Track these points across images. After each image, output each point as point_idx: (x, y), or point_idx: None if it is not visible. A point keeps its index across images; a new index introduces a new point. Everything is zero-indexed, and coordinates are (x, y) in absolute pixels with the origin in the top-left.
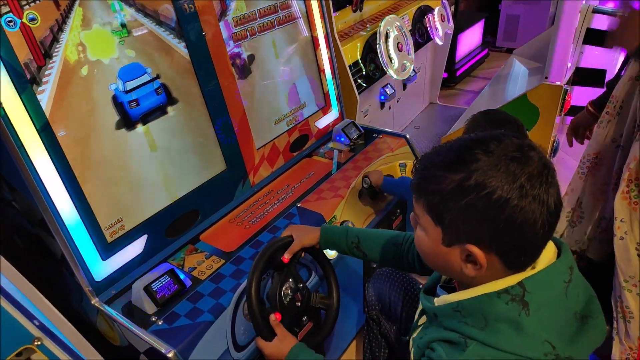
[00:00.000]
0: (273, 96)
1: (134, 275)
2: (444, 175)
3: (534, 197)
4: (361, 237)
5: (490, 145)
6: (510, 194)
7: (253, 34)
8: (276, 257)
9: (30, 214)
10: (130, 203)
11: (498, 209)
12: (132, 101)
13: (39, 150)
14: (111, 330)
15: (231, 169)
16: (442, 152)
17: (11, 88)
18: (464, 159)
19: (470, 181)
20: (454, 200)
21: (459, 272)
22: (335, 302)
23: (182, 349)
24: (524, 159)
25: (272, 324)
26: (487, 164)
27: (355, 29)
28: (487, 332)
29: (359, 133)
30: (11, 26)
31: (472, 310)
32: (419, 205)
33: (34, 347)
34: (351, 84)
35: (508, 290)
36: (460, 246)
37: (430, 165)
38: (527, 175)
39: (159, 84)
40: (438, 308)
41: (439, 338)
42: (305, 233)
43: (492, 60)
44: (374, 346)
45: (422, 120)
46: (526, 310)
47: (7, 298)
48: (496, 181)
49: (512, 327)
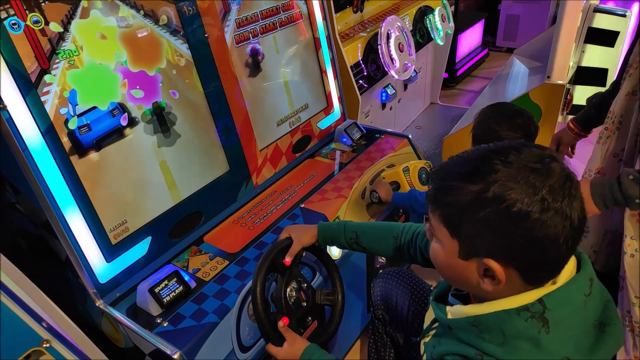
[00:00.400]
0: (275, 97)
1: (138, 277)
2: (460, 187)
3: (557, 210)
4: (359, 232)
5: (509, 155)
6: (531, 207)
7: (255, 35)
8: (277, 261)
9: (35, 217)
10: (134, 205)
11: (517, 223)
12: (83, 126)
13: (43, 153)
14: (116, 332)
15: (234, 170)
16: (459, 162)
17: (15, 91)
18: (481, 170)
19: (489, 193)
20: (471, 212)
21: (476, 286)
22: (339, 297)
23: (187, 350)
24: (545, 170)
25: (281, 329)
26: (506, 175)
27: (356, 30)
28: (505, 348)
29: (361, 133)
30: (15, 29)
31: (490, 326)
32: (435, 216)
33: (42, 349)
34: (353, 84)
35: (528, 308)
36: (477, 260)
37: (446, 176)
38: (549, 188)
39: (115, 104)
40: (453, 321)
41: (454, 352)
42: (303, 232)
43: (492, 60)
44: (380, 346)
45: (423, 121)
46: (546, 328)
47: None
48: (516, 194)
49: (531, 344)
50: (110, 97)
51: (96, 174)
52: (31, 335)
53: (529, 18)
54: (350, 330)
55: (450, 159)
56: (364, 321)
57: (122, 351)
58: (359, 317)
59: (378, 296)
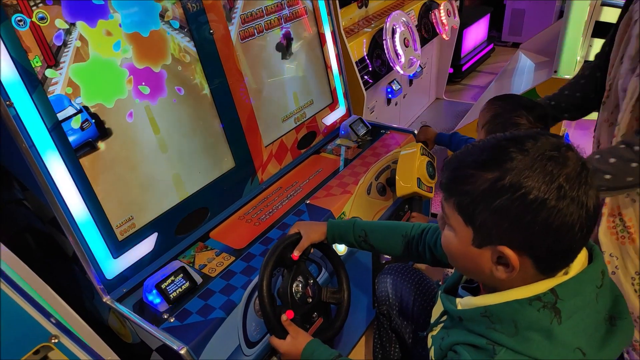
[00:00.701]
0: (280, 93)
1: (145, 273)
2: (476, 175)
3: (573, 198)
4: (368, 230)
5: (525, 143)
6: (548, 194)
7: (260, 31)
8: (285, 254)
9: (42, 213)
10: (141, 201)
11: (534, 210)
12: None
13: (50, 150)
14: (123, 328)
15: (240, 166)
16: (474, 151)
17: (22, 88)
18: (497, 158)
19: (505, 181)
20: (486, 200)
21: (489, 274)
22: (345, 296)
23: (194, 346)
24: (562, 159)
25: (284, 323)
26: (523, 163)
27: (361, 25)
28: (517, 339)
29: (366, 129)
30: (21, 25)
31: (501, 317)
32: (449, 204)
33: (51, 345)
34: (358, 80)
35: (540, 298)
36: (491, 248)
37: (461, 164)
38: (566, 176)
39: (86, 116)
40: (463, 312)
41: (464, 342)
42: (312, 229)
43: (497, 54)
44: (385, 341)
45: (428, 116)
46: (558, 318)
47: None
48: (532, 181)
49: (543, 335)
50: (116, 94)
51: (103, 171)
52: (40, 331)
53: (534, 13)
54: (355, 326)
55: (465, 147)
56: (370, 317)
57: (129, 346)
58: (364, 313)
59: (383, 292)
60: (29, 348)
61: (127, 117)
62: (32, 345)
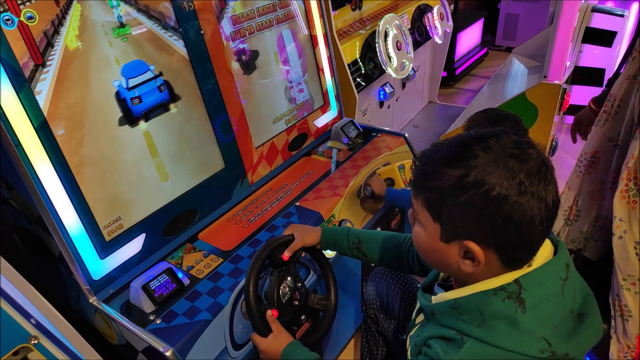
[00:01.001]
0: (272, 95)
1: (132, 274)
2: (443, 171)
3: (533, 194)
4: (362, 238)
5: (489, 141)
6: (509, 190)
7: (252, 32)
8: (277, 254)
9: (28, 213)
10: (129, 201)
11: (497, 205)
12: (135, 98)
13: (36, 149)
14: (109, 329)
15: (230, 167)
16: (441, 148)
17: (9, 86)
18: (463, 156)
19: (470, 177)
20: (452, 196)
21: (457, 268)
22: (332, 303)
23: (180, 348)
24: (523, 156)
25: (269, 319)
26: (486, 160)
27: (354, 28)
28: (484, 329)
29: (357, 132)
30: (9, 24)
31: (469, 308)
32: (418, 201)
33: (30, 346)
34: (350, 82)
35: (504, 288)
36: (458, 242)
37: (429, 161)
38: (526, 172)
39: (162, 81)
40: (435, 305)
41: (435, 335)
42: (306, 233)
43: (491, 59)
44: (372, 344)
45: (421, 119)
46: (522, 308)
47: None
48: (495, 178)
49: (508, 324)
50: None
51: (90, 170)
52: (19, 332)
53: (528, 17)
54: (344, 329)
55: (432, 145)
56: (358, 320)
57: (115, 348)
58: (353, 316)
59: (370, 295)
60: (8, 349)
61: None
62: (11, 346)
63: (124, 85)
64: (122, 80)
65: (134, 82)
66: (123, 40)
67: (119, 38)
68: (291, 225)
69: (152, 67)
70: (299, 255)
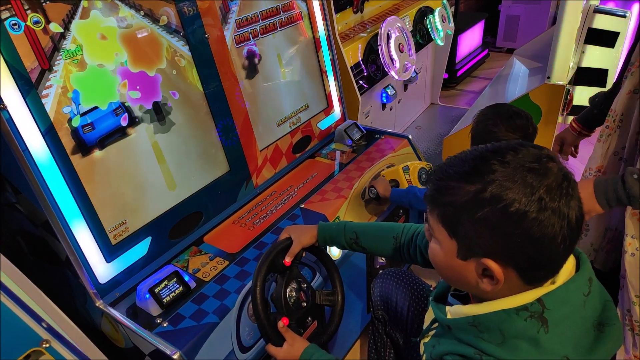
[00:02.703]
0: (275, 98)
1: (138, 278)
2: (458, 186)
3: (554, 210)
4: (359, 232)
5: (506, 155)
6: (529, 207)
7: (255, 35)
8: (277, 261)
9: (35, 217)
10: (134, 205)
11: (515, 222)
12: (87, 125)
13: (43, 153)
14: (116, 333)
15: (234, 170)
16: (456, 162)
17: (16, 91)
18: (479, 170)
19: (486, 193)
20: (468, 212)
21: (475, 286)
22: (340, 298)
23: (187, 351)
24: (543, 170)
25: (281, 330)
26: (504, 175)
27: (356, 31)
28: (504, 348)
29: (361, 134)
30: (15, 29)
31: (489, 326)
32: (433, 216)
33: (42, 350)
34: (353, 85)
35: (527, 307)
36: (476, 260)
37: (444, 176)
38: (546, 188)
39: (118, 103)
40: (452, 321)
41: (453, 352)
42: (303, 232)
43: (492, 60)
44: (379, 346)
45: (423, 121)
46: (545, 327)
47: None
48: (513, 193)
49: (530, 344)
50: (110, 98)
51: (96, 174)
52: (31, 336)
53: (529, 19)
54: (350, 331)
55: (448, 159)
56: (364, 321)
57: (122, 351)
58: (359, 318)
59: (378, 296)
60: (20, 352)
61: (122, 121)
62: (23, 349)
63: (75, 112)
64: (73, 107)
65: (85, 108)
66: (123, 45)
67: (123, 42)
68: (286, 228)
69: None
70: (300, 256)
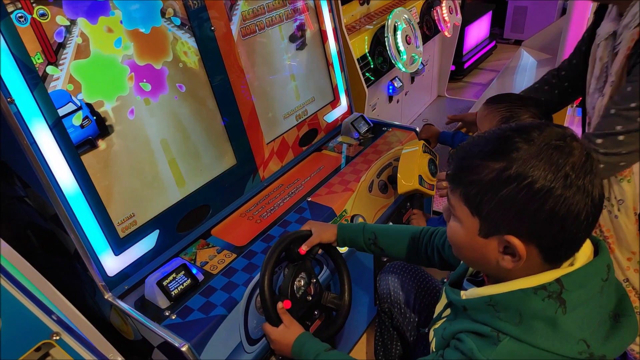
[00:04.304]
0: (281, 91)
1: (146, 270)
2: (483, 165)
3: (579, 187)
4: (378, 233)
5: (531, 133)
6: (554, 183)
7: (262, 28)
8: (294, 247)
9: (43, 210)
10: (142, 198)
11: (540, 199)
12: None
13: (51, 147)
14: (125, 325)
15: (241, 163)
16: (480, 141)
17: (23, 84)
18: (503, 148)
19: (511, 171)
20: (493, 190)
21: (495, 265)
22: (346, 303)
23: (195, 343)
24: (568, 148)
25: (279, 311)
26: (529, 152)
27: (362, 22)
28: (521, 328)
29: (368, 127)
30: (22, 22)
31: (506, 305)
32: (455, 195)
33: (52, 342)
34: (360, 77)
35: (545, 287)
36: (498, 237)
37: (467, 154)
38: (572, 165)
39: (87, 113)
40: (468, 301)
41: (467, 329)
42: (324, 229)
43: (499, 52)
44: (386, 339)
45: (430, 114)
46: (563, 308)
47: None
48: (538, 171)
49: (547, 324)
50: (117, 91)
51: (104, 168)
52: (41, 328)
53: (536, 10)
54: (357, 324)
55: (471, 138)
56: (371, 314)
57: (131, 343)
58: (365, 310)
59: (385, 289)
60: (31, 345)
61: (129, 114)
62: (33, 342)
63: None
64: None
65: (92, 101)
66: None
67: (129, 34)
68: (309, 222)
69: (77, 96)
70: (316, 252)
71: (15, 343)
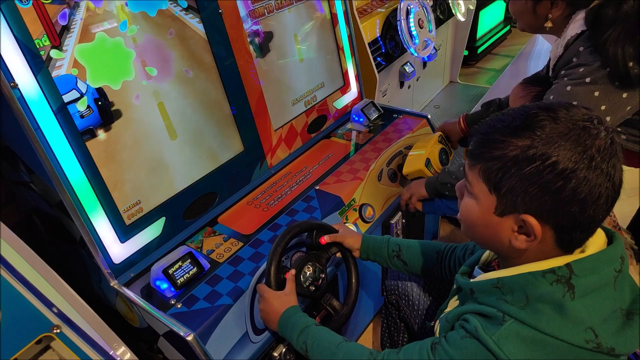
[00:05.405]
0: (290, 76)
1: (152, 258)
2: (507, 141)
3: (602, 170)
4: (402, 245)
5: (558, 112)
6: (579, 164)
7: (271, 11)
8: (317, 232)
9: (49, 197)
10: (148, 185)
11: (563, 180)
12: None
13: (55, 132)
14: (130, 312)
15: (249, 150)
16: (505, 118)
17: (26, 69)
18: (529, 125)
19: (536, 149)
20: (515, 167)
21: (507, 245)
22: (345, 314)
23: (201, 332)
24: (595, 130)
25: (287, 277)
26: (555, 131)
27: (374, 6)
28: (527, 311)
29: (378, 113)
30: (24, 2)
31: (513, 288)
32: (474, 172)
33: (53, 335)
34: (370, 62)
35: (554, 271)
36: (514, 216)
37: (491, 130)
38: (598, 147)
39: (90, 101)
40: (475, 283)
41: (473, 310)
42: (350, 234)
43: (514, 36)
44: (393, 330)
45: (442, 100)
46: (571, 294)
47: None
48: (563, 150)
49: (554, 309)
50: (123, 75)
51: (109, 154)
52: (41, 321)
53: None
54: (363, 314)
55: (494, 115)
56: (378, 304)
57: (137, 331)
58: (372, 301)
59: (392, 281)
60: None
61: (134, 99)
62: (33, 335)
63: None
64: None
65: (97, 85)
66: (136, 22)
67: (135, 17)
68: (340, 223)
69: (81, 85)
70: (334, 252)
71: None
